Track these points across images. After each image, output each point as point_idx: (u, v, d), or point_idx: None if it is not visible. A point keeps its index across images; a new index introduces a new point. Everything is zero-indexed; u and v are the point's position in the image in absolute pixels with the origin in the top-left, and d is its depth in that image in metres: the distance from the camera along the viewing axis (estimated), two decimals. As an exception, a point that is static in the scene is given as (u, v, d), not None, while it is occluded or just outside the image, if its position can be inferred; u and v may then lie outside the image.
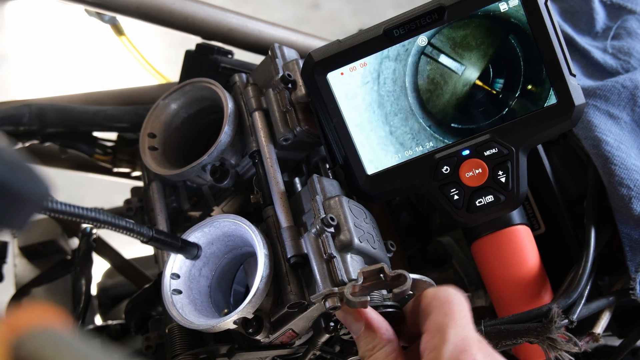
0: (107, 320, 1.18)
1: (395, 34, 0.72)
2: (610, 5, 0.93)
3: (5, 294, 1.09)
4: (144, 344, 0.81)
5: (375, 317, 0.61)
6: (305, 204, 0.69)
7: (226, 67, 0.92)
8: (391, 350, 0.59)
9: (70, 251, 1.15)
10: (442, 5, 0.70)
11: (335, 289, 0.61)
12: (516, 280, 0.75)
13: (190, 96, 0.83)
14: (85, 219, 0.56)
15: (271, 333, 0.66)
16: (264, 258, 0.64)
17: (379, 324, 0.61)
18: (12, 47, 2.75)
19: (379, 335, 0.60)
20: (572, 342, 0.70)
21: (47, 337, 0.28)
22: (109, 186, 1.42)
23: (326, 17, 2.84)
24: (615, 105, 0.81)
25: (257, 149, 0.76)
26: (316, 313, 0.66)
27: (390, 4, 2.76)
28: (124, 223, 0.60)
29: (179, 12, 0.94)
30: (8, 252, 1.07)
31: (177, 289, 0.68)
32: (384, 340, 0.60)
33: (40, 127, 0.94)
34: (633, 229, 0.77)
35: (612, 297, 0.78)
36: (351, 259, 0.64)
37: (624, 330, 0.84)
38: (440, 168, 0.72)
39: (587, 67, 0.89)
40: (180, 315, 0.66)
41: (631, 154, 0.78)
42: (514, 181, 0.71)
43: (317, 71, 0.73)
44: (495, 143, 0.71)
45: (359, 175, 0.74)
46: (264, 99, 0.79)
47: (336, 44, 0.73)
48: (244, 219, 0.68)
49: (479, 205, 0.71)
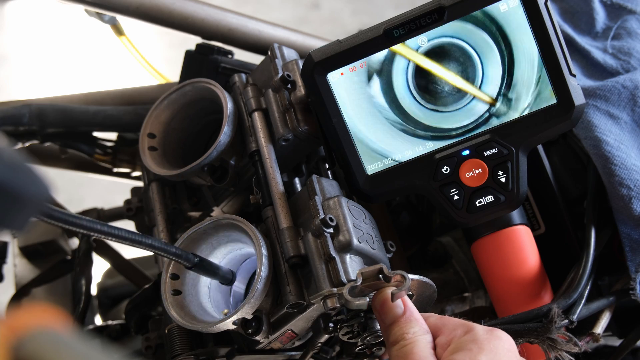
0: (107, 320, 1.18)
1: (395, 34, 0.72)
2: (611, 6, 0.93)
3: (5, 294, 1.09)
4: (144, 344, 0.81)
5: (415, 308, 0.61)
6: (305, 204, 0.69)
7: (226, 67, 0.92)
8: (431, 340, 0.59)
9: (70, 251, 1.15)
10: (442, 6, 0.70)
11: (334, 289, 0.61)
12: (516, 281, 0.75)
13: (190, 96, 0.83)
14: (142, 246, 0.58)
15: (270, 333, 0.66)
16: (264, 259, 0.64)
17: (419, 315, 0.61)
18: (12, 47, 2.75)
19: (421, 323, 0.60)
20: (572, 342, 0.70)
21: (47, 338, 0.28)
22: (109, 186, 1.42)
23: (326, 17, 2.84)
24: (616, 105, 0.81)
25: (257, 149, 0.76)
26: (315, 313, 0.66)
27: (390, 4, 2.76)
28: (173, 250, 0.61)
29: (179, 12, 0.94)
30: (8, 252, 1.07)
31: (176, 290, 0.68)
32: (424, 329, 0.60)
33: (40, 127, 0.94)
34: (633, 229, 0.77)
35: (612, 297, 0.78)
36: (350, 259, 0.64)
37: (624, 330, 0.84)
38: (440, 168, 0.72)
39: (587, 67, 0.89)
40: (179, 315, 0.66)
41: (631, 154, 0.78)
42: (514, 181, 0.71)
43: (317, 71, 0.73)
44: (495, 143, 0.71)
45: (359, 176, 0.74)
46: (263, 99, 0.78)
47: (336, 44, 0.73)
48: (243, 219, 0.68)
49: (479, 205, 0.71)
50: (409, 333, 0.59)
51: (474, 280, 0.92)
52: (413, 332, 0.59)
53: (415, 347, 0.57)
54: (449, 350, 0.56)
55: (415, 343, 0.58)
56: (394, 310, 0.60)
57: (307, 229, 0.67)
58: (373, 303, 0.62)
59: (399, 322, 0.60)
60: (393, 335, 0.59)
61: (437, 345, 0.59)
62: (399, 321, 0.60)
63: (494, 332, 0.57)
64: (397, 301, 0.61)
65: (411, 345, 0.57)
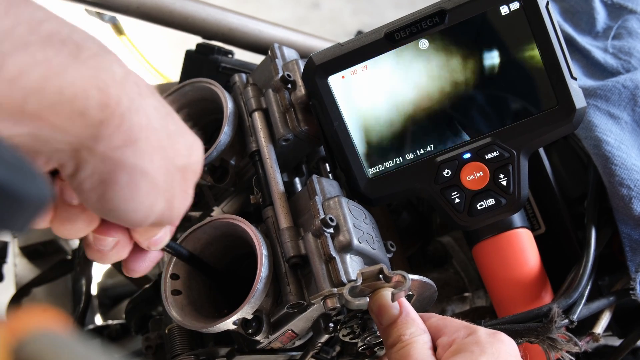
0: (107, 320, 1.18)
1: (397, 37, 0.72)
2: (611, 5, 0.93)
3: (5, 294, 1.09)
4: (144, 344, 0.81)
5: (411, 308, 0.61)
6: (305, 204, 0.69)
7: (226, 67, 0.92)
8: (429, 340, 0.59)
9: (70, 251, 1.15)
10: (443, 9, 0.70)
11: (334, 289, 0.61)
12: (517, 283, 0.76)
13: (190, 96, 0.83)
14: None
15: (271, 333, 0.66)
16: (264, 259, 0.64)
17: (416, 315, 0.61)
18: (12, 46, 2.74)
19: (417, 323, 0.60)
20: (573, 342, 0.70)
21: (47, 339, 0.28)
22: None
23: (326, 17, 2.84)
24: (616, 105, 0.81)
25: (257, 149, 0.76)
26: (316, 314, 0.66)
27: (391, 4, 2.76)
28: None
29: (179, 12, 0.94)
30: (8, 252, 1.07)
31: (176, 290, 0.68)
32: (421, 329, 0.59)
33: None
34: (633, 229, 0.77)
35: (613, 297, 0.78)
36: (350, 259, 0.64)
37: (624, 330, 0.84)
38: (441, 171, 0.72)
39: (588, 67, 0.89)
40: (179, 315, 0.66)
41: (631, 154, 0.78)
42: (515, 184, 0.71)
43: (318, 74, 0.72)
44: (496, 146, 0.71)
45: (360, 179, 0.73)
46: (263, 99, 0.78)
47: (337, 47, 0.73)
48: (243, 219, 0.68)
49: (480, 208, 0.71)
50: (405, 334, 0.58)
51: (474, 280, 0.92)
52: (410, 333, 0.58)
53: (412, 349, 0.57)
54: (450, 351, 0.56)
55: (413, 344, 0.58)
56: (390, 311, 0.60)
57: (307, 229, 0.67)
58: (369, 305, 0.62)
59: (396, 323, 0.59)
60: (390, 337, 0.59)
61: (439, 345, 0.58)
62: (396, 323, 0.59)
63: (497, 335, 0.57)
64: (394, 302, 0.61)
65: (409, 347, 0.57)
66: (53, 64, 0.39)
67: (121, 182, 0.43)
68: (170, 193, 0.47)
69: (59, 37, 0.40)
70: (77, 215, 0.48)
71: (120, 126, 0.42)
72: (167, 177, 0.46)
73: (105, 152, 0.42)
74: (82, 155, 0.42)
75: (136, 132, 0.43)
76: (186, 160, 0.48)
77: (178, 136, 0.48)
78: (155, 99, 0.46)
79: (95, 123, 0.41)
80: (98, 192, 0.43)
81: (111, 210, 0.45)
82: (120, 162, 0.42)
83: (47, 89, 0.38)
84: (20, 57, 0.37)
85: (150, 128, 0.44)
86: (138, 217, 0.46)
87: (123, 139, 0.42)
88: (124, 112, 0.42)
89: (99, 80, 0.41)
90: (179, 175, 0.48)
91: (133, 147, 0.43)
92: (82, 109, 0.40)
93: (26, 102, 0.38)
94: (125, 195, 0.44)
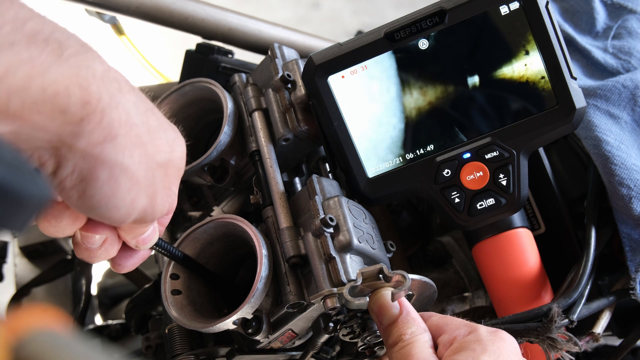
0: (107, 320, 1.18)
1: (396, 37, 0.72)
2: (611, 5, 0.93)
3: (5, 294, 1.09)
4: (144, 344, 0.81)
5: (412, 307, 0.61)
6: (305, 204, 0.69)
7: (226, 67, 0.92)
8: (429, 339, 0.59)
9: (70, 251, 1.15)
10: (443, 9, 0.70)
11: (334, 289, 0.61)
12: (517, 283, 0.76)
13: (190, 96, 0.83)
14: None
15: (270, 333, 0.66)
16: (264, 258, 0.64)
17: (417, 314, 0.61)
18: (12, 46, 2.74)
19: (418, 322, 0.60)
20: (572, 342, 0.70)
21: (47, 339, 0.28)
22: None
23: (326, 17, 2.84)
24: (616, 105, 0.81)
25: (257, 149, 0.76)
26: (315, 313, 0.66)
27: (391, 4, 2.76)
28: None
29: (179, 12, 0.94)
30: (8, 252, 1.07)
31: (176, 289, 0.68)
32: (422, 328, 0.59)
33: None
34: (633, 228, 0.77)
35: (612, 297, 0.78)
36: (350, 259, 0.64)
37: (624, 330, 0.84)
38: (441, 171, 0.72)
39: (588, 66, 0.89)
40: (179, 315, 0.66)
41: (631, 154, 0.78)
42: (515, 184, 0.71)
43: (318, 74, 0.73)
44: (496, 146, 0.71)
45: (359, 178, 0.73)
46: (263, 99, 0.78)
47: (337, 47, 0.73)
48: (243, 219, 0.68)
49: (480, 208, 0.71)
50: (406, 334, 0.58)
51: (474, 280, 0.92)
52: (411, 333, 0.58)
53: (414, 348, 0.57)
54: (451, 349, 0.56)
55: (414, 343, 0.58)
56: (390, 311, 0.60)
57: (307, 228, 0.67)
58: (369, 305, 0.62)
59: (397, 323, 0.59)
60: (391, 336, 0.59)
61: (440, 344, 0.58)
62: (397, 322, 0.59)
63: (498, 333, 0.57)
64: (394, 302, 0.61)
65: (410, 346, 0.57)
66: (37, 62, 0.39)
67: (102, 179, 0.43)
68: (151, 189, 0.47)
69: (42, 35, 0.40)
70: (62, 212, 0.48)
71: (101, 122, 0.42)
72: (148, 173, 0.46)
73: (86, 149, 0.42)
74: (63, 153, 0.42)
75: (115, 127, 0.43)
76: (168, 156, 0.48)
77: (159, 132, 0.48)
78: (135, 95, 0.46)
79: (76, 120, 0.41)
80: (79, 190, 0.43)
81: (93, 208, 0.45)
82: (100, 158, 0.42)
83: (30, 87, 0.38)
84: (6, 57, 0.37)
85: (129, 123, 0.44)
86: (120, 214, 0.46)
87: (103, 135, 0.42)
88: (104, 108, 0.42)
89: (80, 77, 0.41)
90: (161, 171, 0.48)
91: (113, 142, 0.43)
92: (64, 106, 0.40)
93: (10, 100, 0.38)
94: (106, 192, 0.44)
